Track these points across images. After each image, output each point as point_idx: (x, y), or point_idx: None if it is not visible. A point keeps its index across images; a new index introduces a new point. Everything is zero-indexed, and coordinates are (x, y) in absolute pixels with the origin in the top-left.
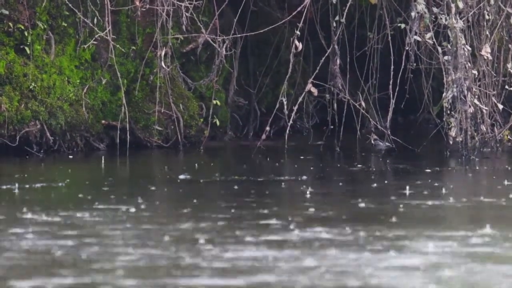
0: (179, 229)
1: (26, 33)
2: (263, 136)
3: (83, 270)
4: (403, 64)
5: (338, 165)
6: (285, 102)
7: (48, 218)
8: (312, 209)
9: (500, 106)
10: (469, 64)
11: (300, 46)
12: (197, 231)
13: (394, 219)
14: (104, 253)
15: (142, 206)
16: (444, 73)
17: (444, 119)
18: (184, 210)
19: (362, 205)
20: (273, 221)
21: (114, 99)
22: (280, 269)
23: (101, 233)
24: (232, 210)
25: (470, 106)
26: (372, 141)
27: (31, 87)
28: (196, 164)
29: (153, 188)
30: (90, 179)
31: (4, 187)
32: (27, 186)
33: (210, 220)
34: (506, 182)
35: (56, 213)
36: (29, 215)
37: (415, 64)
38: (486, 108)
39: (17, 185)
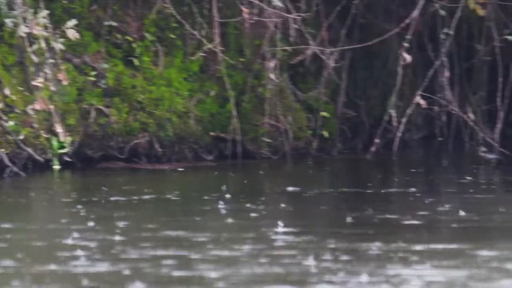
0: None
1: (134, 45)
2: (372, 148)
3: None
4: (511, 75)
5: (447, 177)
6: (393, 114)
7: (165, 232)
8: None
9: None
10: None
11: (408, 58)
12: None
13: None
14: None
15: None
16: None
17: None
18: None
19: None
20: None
21: (223, 111)
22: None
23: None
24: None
25: None
26: (481, 153)
27: (139, 99)
28: (304, 176)
29: (262, 199)
30: (199, 190)
31: (113, 199)
32: (135, 197)
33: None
34: None
35: (167, 227)
36: (149, 225)
37: None
38: None
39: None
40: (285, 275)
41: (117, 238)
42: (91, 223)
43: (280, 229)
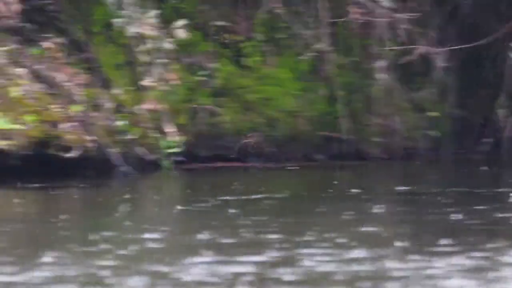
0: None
1: (243, 45)
2: (481, 148)
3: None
4: None
5: None
6: (502, 114)
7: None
8: None
9: None
10: None
11: None
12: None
13: None
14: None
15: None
16: None
17: None
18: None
19: None
20: None
21: (332, 110)
22: None
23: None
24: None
25: None
26: None
27: (249, 98)
28: (415, 176)
29: (369, 198)
30: (309, 190)
31: (223, 198)
32: (244, 197)
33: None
34: None
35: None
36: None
37: None
38: None
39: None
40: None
41: (231, 240)
42: (199, 223)
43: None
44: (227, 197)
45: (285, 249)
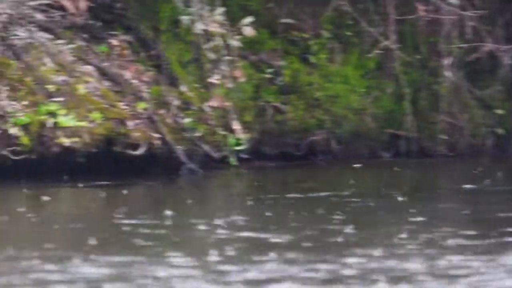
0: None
1: (310, 42)
2: None
3: None
4: None
5: None
6: None
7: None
8: None
9: None
10: None
11: None
12: None
13: None
14: None
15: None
16: None
17: None
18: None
19: None
20: None
21: (399, 108)
22: None
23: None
24: None
25: None
26: None
27: (316, 96)
28: (479, 173)
29: (438, 197)
30: (375, 187)
31: (291, 195)
32: (311, 195)
33: None
34: None
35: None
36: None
37: None
38: None
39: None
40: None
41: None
42: (270, 220)
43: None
44: (296, 195)
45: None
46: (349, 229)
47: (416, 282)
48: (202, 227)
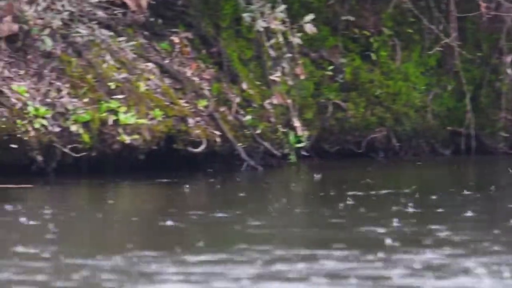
0: None
1: (371, 40)
2: None
3: None
4: None
5: None
6: None
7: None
8: None
9: None
10: None
11: None
12: None
13: None
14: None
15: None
16: None
17: None
18: None
19: None
20: None
21: (460, 105)
22: None
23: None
24: None
25: None
26: None
27: (377, 93)
28: None
29: (494, 192)
30: (437, 184)
31: (351, 193)
32: (372, 192)
33: None
34: None
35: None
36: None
37: None
38: None
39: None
40: None
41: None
42: (329, 217)
43: None
44: (357, 192)
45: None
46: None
47: None
48: (261, 222)
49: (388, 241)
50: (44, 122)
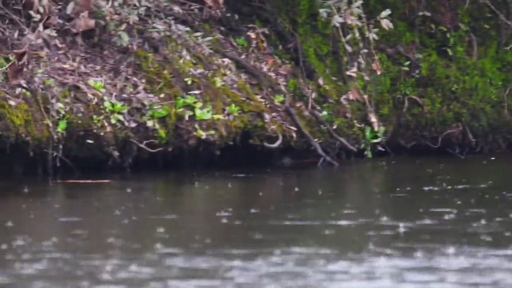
0: None
1: (448, 35)
2: None
3: None
4: None
5: None
6: None
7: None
8: None
9: None
10: None
11: None
12: None
13: None
14: None
15: None
16: None
17: None
18: None
19: None
20: None
21: None
22: None
23: None
24: None
25: None
26: None
27: (453, 89)
28: None
29: None
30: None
31: (426, 188)
32: (448, 187)
33: None
34: None
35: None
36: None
37: None
38: None
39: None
40: None
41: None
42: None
43: None
44: (431, 187)
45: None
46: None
47: None
48: (344, 222)
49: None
50: (120, 117)
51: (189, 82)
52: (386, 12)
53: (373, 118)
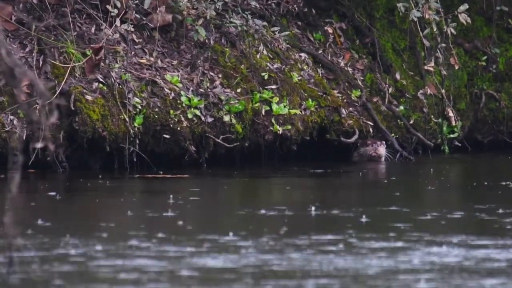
0: None
1: None
2: None
3: None
4: None
5: None
6: None
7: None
8: None
9: None
10: None
11: None
12: None
13: None
14: None
15: None
16: None
17: None
18: None
19: None
20: None
21: None
22: None
23: None
24: None
25: None
26: None
27: None
28: None
29: None
30: None
31: (503, 183)
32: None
33: None
34: None
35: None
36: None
37: None
38: None
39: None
40: None
41: None
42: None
43: None
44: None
45: None
46: None
47: None
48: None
49: None
50: (197, 112)
51: (266, 77)
52: (464, 6)
53: (450, 113)
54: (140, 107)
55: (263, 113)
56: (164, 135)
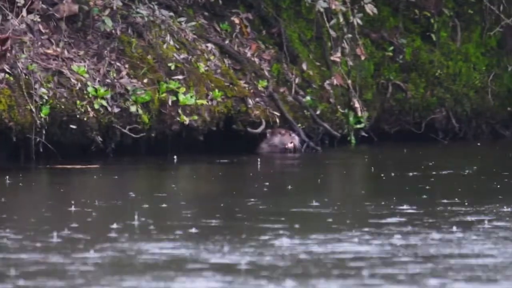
0: None
1: (432, 20)
2: None
3: None
4: None
5: None
6: None
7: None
8: None
9: None
10: None
11: None
12: None
13: None
14: None
15: None
16: None
17: None
18: None
19: None
20: None
21: None
22: None
23: None
24: None
25: None
26: None
27: (437, 74)
28: None
29: None
30: (498, 166)
31: (411, 174)
32: (433, 173)
33: None
34: None
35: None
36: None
37: None
38: None
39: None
40: None
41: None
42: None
43: None
44: (414, 173)
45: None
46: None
47: None
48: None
49: None
50: (104, 102)
51: (173, 67)
52: None
53: (357, 104)
54: (46, 97)
55: (170, 103)
56: (71, 126)
